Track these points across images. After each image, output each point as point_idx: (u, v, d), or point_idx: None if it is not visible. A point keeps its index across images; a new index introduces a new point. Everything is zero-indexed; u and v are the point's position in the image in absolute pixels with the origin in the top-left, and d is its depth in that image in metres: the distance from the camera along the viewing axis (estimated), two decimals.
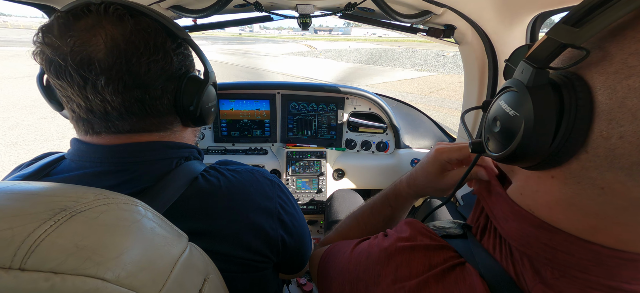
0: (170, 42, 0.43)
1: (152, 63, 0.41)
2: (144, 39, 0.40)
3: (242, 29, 65.18)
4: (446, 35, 0.99)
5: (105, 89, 0.39)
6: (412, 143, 1.44)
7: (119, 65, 0.39)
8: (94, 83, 0.38)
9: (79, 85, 0.39)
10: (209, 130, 1.45)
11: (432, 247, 0.35)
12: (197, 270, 0.34)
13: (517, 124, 0.25)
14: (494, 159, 0.30)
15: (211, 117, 0.53)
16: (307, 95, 1.41)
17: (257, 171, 0.53)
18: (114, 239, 0.26)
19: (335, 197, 1.36)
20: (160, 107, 0.44)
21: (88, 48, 0.37)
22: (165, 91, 0.44)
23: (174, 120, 0.48)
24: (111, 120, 0.42)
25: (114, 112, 0.41)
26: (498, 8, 0.76)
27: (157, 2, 0.85)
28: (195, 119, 0.48)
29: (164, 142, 0.47)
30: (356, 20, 1.09)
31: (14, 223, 0.23)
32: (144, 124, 0.44)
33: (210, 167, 0.50)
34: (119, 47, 0.39)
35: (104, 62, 0.38)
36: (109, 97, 0.40)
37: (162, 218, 0.34)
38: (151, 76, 0.41)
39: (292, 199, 0.58)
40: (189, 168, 0.46)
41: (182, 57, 0.46)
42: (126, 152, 0.43)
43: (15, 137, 3.96)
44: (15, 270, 0.21)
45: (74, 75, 0.38)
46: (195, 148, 0.51)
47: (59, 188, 0.29)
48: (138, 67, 0.40)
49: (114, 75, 0.39)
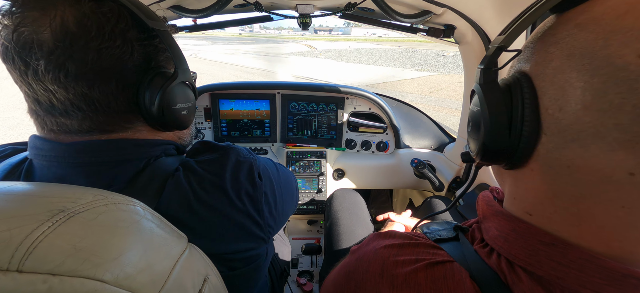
0: (136, 31, 0.38)
1: (103, 50, 0.35)
2: (98, 22, 0.35)
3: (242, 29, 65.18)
4: (446, 35, 0.98)
5: (45, 75, 0.34)
6: (412, 143, 1.44)
7: (61, 49, 0.33)
8: (35, 69, 0.34)
9: (20, 70, 0.34)
10: (209, 130, 1.45)
11: (422, 244, 0.34)
12: (197, 271, 0.34)
13: (480, 118, 0.30)
14: (476, 159, 0.33)
15: (183, 121, 0.45)
16: (307, 95, 1.41)
17: (230, 154, 0.47)
18: (112, 240, 0.26)
19: (335, 197, 1.36)
20: (112, 104, 0.38)
21: (32, 28, 0.33)
22: (121, 86, 0.38)
23: (133, 119, 0.42)
24: (57, 116, 0.37)
25: (59, 106, 0.36)
26: (498, 8, 0.76)
27: (157, 2, 0.84)
28: (162, 123, 0.42)
29: (134, 139, 0.42)
30: (356, 20, 1.09)
31: (11, 224, 0.23)
32: (94, 122, 0.38)
33: (182, 163, 0.44)
34: (67, 30, 0.33)
35: (46, 45, 0.33)
36: (51, 87, 0.35)
37: (162, 218, 0.33)
38: (101, 65, 0.36)
39: (273, 174, 0.53)
40: (160, 168, 0.41)
41: (151, 49, 0.40)
42: (89, 151, 0.38)
43: (15, 137, 3.96)
44: (13, 272, 0.21)
45: (16, 59, 0.34)
46: (171, 144, 0.46)
47: (58, 188, 0.29)
48: (84, 53, 0.34)
49: (54, 59, 0.33)
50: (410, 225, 0.87)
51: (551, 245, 0.26)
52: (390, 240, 0.36)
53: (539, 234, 0.28)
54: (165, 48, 0.42)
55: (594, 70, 0.21)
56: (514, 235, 0.29)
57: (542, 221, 0.27)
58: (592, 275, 0.24)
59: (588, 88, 0.22)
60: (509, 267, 0.29)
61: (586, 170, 0.23)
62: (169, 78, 0.41)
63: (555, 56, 0.24)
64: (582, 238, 0.25)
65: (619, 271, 0.24)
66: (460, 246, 0.35)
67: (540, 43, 0.27)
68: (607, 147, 0.22)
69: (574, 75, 0.23)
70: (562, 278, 0.25)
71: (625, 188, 0.22)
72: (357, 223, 1.17)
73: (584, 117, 0.22)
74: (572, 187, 0.24)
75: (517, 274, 0.28)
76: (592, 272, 0.24)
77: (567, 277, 0.25)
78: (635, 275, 0.23)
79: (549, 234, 0.27)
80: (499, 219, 0.32)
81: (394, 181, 1.45)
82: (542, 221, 0.28)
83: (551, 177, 0.26)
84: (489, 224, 0.33)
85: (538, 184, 0.27)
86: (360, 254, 0.37)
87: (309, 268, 1.31)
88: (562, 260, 0.26)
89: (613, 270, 0.24)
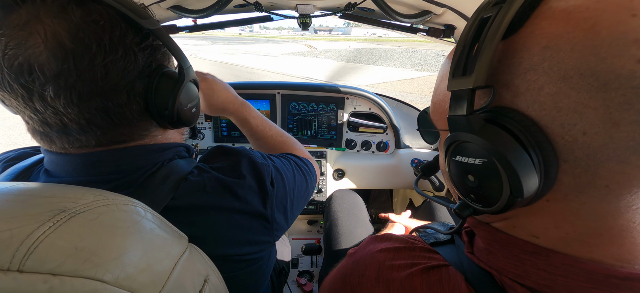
0: (132, 36, 0.36)
1: (109, 64, 0.34)
2: (95, 34, 0.32)
3: (242, 29, 65.15)
4: (446, 35, 0.98)
5: (55, 100, 0.32)
6: (412, 143, 1.44)
7: (67, 71, 0.31)
8: (41, 94, 0.31)
9: (23, 97, 0.32)
10: (209, 130, 1.45)
11: (418, 248, 0.34)
12: (197, 272, 0.34)
13: (492, 168, 0.25)
14: (491, 214, 0.27)
15: (194, 118, 0.46)
16: (307, 95, 1.41)
17: (243, 160, 0.48)
18: (113, 240, 0.26)
19: (334, 198, 1.36)
20: (128, 115, 0.38)
21: (25, 51, 0.30)
22: (132, 95, 0.37)
23: (149, 126, 0.41)
24: (72, 134, 0.35)
25: (73, 125, 0.35)
26: None
27: (157, 2, 0.84)
28: (174, 122, 0.42)
29: (147, 145, 0.42)
30: (356, 20, 1.09)
31: (12, 224, 0.23)
32: (113, 135, 0.38)
33: (196, 167, 0.45)
34: (64, 47, 0.31)
35: (47, 67, 0.30)
36: (63, 109, 0.33)
37: (162, 219, 0.33)
38: (111, 80, 0.34)
39: (287, 178, 0.53)
40: (174, 170, 0.42)
41: (150, 51, 0.38)
42: (104, 160, 0.38)
43: (15, 137, 3.96)
44: (14, 271, 0.21)
45: (14, 85, 0.31)
46: (182, 146, 0.47)
47: (58, 189, 0.29)
48: (91, 73, 0.33)
49: (63, 84, 0.31)
50: (411, 226, 0.87)
51: (535, 254, 0.26)
52: (386, 243, 0.36)
53: (520, 244, 0.27)
54: (160, 45, 0.40)
55: (606, 86, 0.20)
56: (497, 247, 0.29)
57: (553, 241, 0.26)
58: (578, 280, 0.24)
59: (611, 104, 0.20)
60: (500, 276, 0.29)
61: (627, 184, 0.22)
62: (176, 79, 0.40)
63: (542, 83, 0.23)
64: (598, 247, 0.25)
65: (600, 273, 0.24)
66: (456, 249, 0.35)
67: (508, 75, 0.24)
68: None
69: (585, 96, 0.21)
70: (550, 286, 0.25)
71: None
72: (356, 225, 1.17)
73: (618, 134, 0.21)
74: (607, 204, 0.23)
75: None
76: (577, 276, 0.24)
77: (555, 284, 0.25)
78: (616, 275, 0.24)
79: (531, 243, 0.27)
80: (479, 230, 0.32)
81: (394, 181, 1.45)
82: (552, 241, 0.26)
83: (580, 202, 0.24)
84: (476, 236, 0.33)
85: (555, 211, 0.26)
86: (356, 258, 0.37)
87: (309, 269, 1.31)
88: (547, 268, 0.26)
89: (594, 273, 0.24)
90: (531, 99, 0.23)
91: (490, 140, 0.24)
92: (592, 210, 0.24)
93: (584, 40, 0.21)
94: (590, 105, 0.21)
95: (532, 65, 0.23)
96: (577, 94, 0.21)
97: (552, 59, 0.22)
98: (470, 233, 0.36)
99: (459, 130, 0.26)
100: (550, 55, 0.22)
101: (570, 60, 0.21)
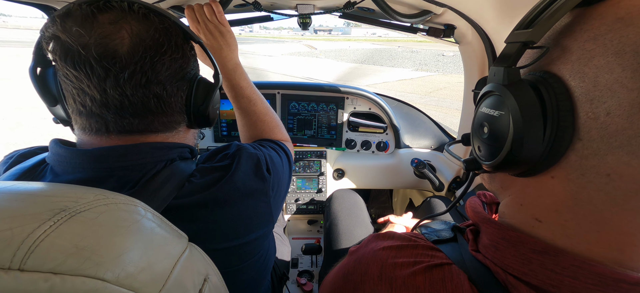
0: (186, 44, 0.46)
1: (173, 61, 0.43)
2: (167, 37, 0.42)
3: (242, 29, 65.15)
4: (446, 35, 0.98)
5: (127, 82, 0.39)
6: (412, 143, 1.44)
7: (143, 60, 0.40)
8: (116, 76, 0.39)
9: (99, 77, 0.38)
10: (209, 130, 1.45)
11: (421, 246, 0.34)
12: (197, 271, 0.34)
13: (505, 123, 0.26)
14: (489, 169, 0.30)
15: (215, 119, 0.55)
16: (307, 95, 1.41)
17: (240, 155, 0.52)
18: (113, 239, 0.26)
19: (334, 198, 1.36)
20: (173, 105, 0.46)
21: (113, 41, 0.38)
22: (179, 90, 0.46)
23: (181, 120, 0.49)
24: (126, 117, 0.42)
25: (131, 108, 0.41)
26: (498, 8, 0.76)
27: (157, 2, 0.85)
28: (202, 120, 0.50)
29: (152, 143, 0.45)
30: (356, 20, 1.09)
31: (13, 223, 0.23)
32: (156, 122, 0.45)
33: (197, 169, 0.49)
34: (144, 43, 0.40)
35: (128, 55, 0.39)
36: (129, 91, 0.40)
37: (162, 218, 0.34)
38: (170, 74, 0.43)
39: (277, 162, 0.59)
40: (177, 171, 0.45)
41: (194, 60, 0.48)
42: (108, 156, 0.41)
43: (15, 137, 3.96)
44: (15, 270, 0.21)
45: (95, 66, 0.38)
46: (187, 148, 0.50)
47: (59, 188, 0.29)
48: (161, 65, 0.41)
49: (138, 69, 0.39)
50: (411, 226, 0.87)
51: (544, 253, 0.26)
52: (388, 241, 0.36)
53: (530, 242, 0.27)
54: (195, 54, 0.50)
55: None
56: (505, 244, 0.29)
57: (553, 228, 0.27)
58: (586, 282, 0.24)
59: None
60: (505, 273, 0.29)
61: (630, 179, 0.22)
62: (213, 83, 0.50)
63: (596, 53, 0.22)
64: (596, 245, 0.25)
65: (610, 276, 0.23)
66: (459, 247, 0.34)
67: (569, 39, 0.24)
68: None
69: (627, 76, 0.21)
70: (557, 286, 0.25)
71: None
72: (356, 224, 1.17)
73: (638, 121, 0.20)
74: (604, 195, 0.23)
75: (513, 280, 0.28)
76: (585, 278, 0.24)
77: (562, 285, 0.25)
78: (627, 279, 0.23)
79: (541, 242, 0.27)
80: (486, 227, 0.32)
81: (394, 181, 1.45)
82: (552, 228, 0.27)
83: (579, 185, 0.24)
84: (481, 233, 0.33)
85: (557, 191, 0.26)
86: (358, 255, 0.37)
87: (309, 268, 1.31)
88: (555, 268, 0.25)
89: (604, 276, 0.24)
90: (577, 68, 0.23)
91: (514, 95, 0.25)
92: (589, 197, 0.24)
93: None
94: (628, 86, 0.21)
95: (597, 35, 0.23)
96: (621, 71, 0.21)
97: (619, 31, 0.22)
98: (474, 232, 0.36)
99: (495, 82, 0.27)
100: (618, 28, 0.22)
101: (634, 36, 0.21)
